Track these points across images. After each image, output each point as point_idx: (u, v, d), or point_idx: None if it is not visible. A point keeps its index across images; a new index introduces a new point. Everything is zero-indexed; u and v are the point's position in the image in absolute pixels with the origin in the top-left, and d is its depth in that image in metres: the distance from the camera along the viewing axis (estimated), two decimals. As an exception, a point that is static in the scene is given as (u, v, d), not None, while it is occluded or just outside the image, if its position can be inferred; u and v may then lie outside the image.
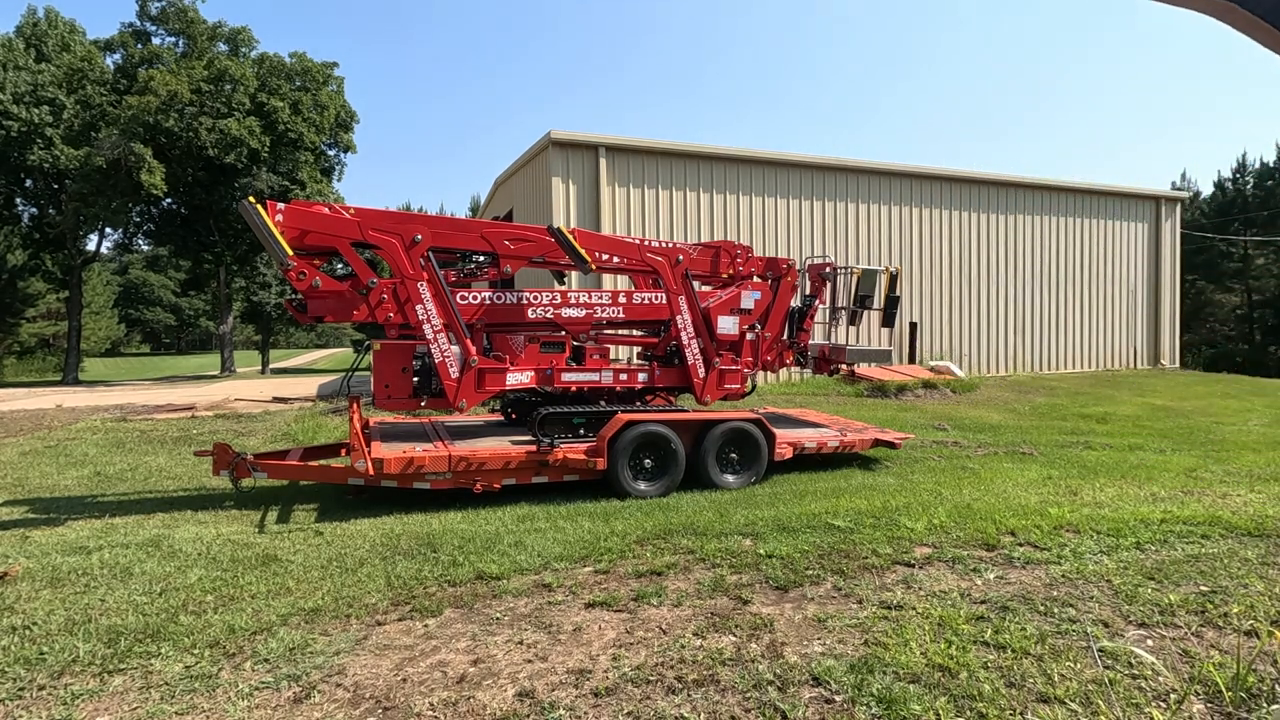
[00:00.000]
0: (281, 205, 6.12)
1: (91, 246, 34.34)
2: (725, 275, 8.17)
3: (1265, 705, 2.71)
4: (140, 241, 37.52)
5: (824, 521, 5.32)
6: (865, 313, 8.92)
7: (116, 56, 31.96)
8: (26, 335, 42.44)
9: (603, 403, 7.56)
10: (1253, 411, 13.34)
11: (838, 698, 2.86)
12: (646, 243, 7.59)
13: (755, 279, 8.26)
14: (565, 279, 8.86)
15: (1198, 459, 8.52)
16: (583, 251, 7.07)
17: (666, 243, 7.73)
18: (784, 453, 7.53)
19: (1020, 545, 4.71)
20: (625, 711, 2.81)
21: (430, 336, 6.55)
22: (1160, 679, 2.97)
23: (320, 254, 6.66)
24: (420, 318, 6.50)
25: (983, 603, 3.79)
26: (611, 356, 7.92)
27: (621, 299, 7.66)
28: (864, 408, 13.05)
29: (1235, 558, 4.41)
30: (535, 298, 7.28)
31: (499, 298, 7.14)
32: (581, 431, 7.17)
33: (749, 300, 8.06)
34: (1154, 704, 2.79)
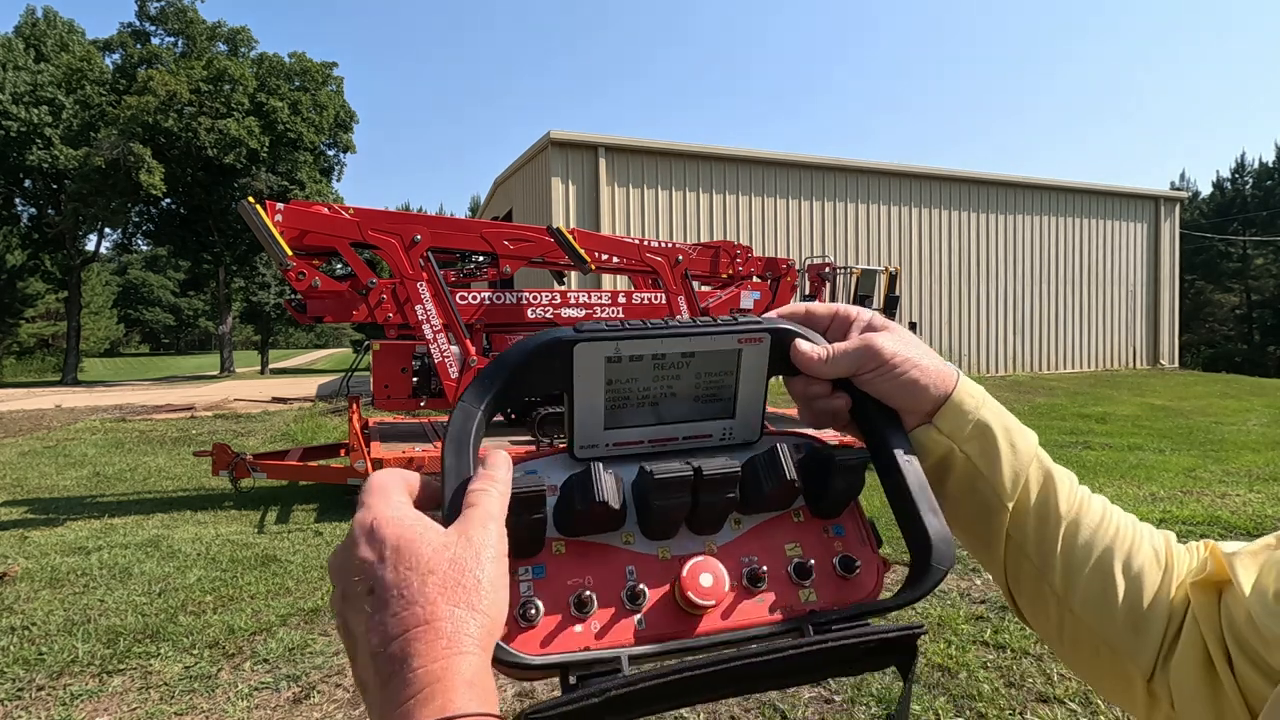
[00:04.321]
0: (281, 205, 6.12)
1: (90, 246, 34.33)
2: (725, 275, 8.17)
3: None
4: (139, 242, 37.51)
5: (823, 521, 5.31)
6: (865, 313, 8.92)
7: (115, 56, 31.95)
8: (25, 335, 42.41)
9: (602, 403, 7.55)
10: (1252, 411, 13.35)
11: (837, 698, 2.86)
12: (646, 243, 7.60)
13: (755, 279, 8.27)
14: (565, 279, 8.86)
15: (1197, 459, 8.52)
16: (582, 251, 7.07)
17: (666, 243, 7.73)
18: (783, 453, 7.52)
19: (1020, 545, 4.71)
20: (625, 712, 2.81)
21: (430, 336, 6.55)
22: (1159, 679, 2.97)
23: (320, 254, 6.65)
24: (420, 318, 6.50)
25: (982, 602, 3.79)
26: (611, 356, 7.91)
27: (621, 299, 7.66)
28: (863, 408, 13.04)
29: (1234, 557, 4.40)
30: (535, 298, 7.28)
31: (498, 298, 7.14)
32: (581, 431, 7.16)
33: (748, 300, 8.06)
34: (1153, 704, 2.79)
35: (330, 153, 34.41)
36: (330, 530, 5.69)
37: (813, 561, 0.51)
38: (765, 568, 0.51)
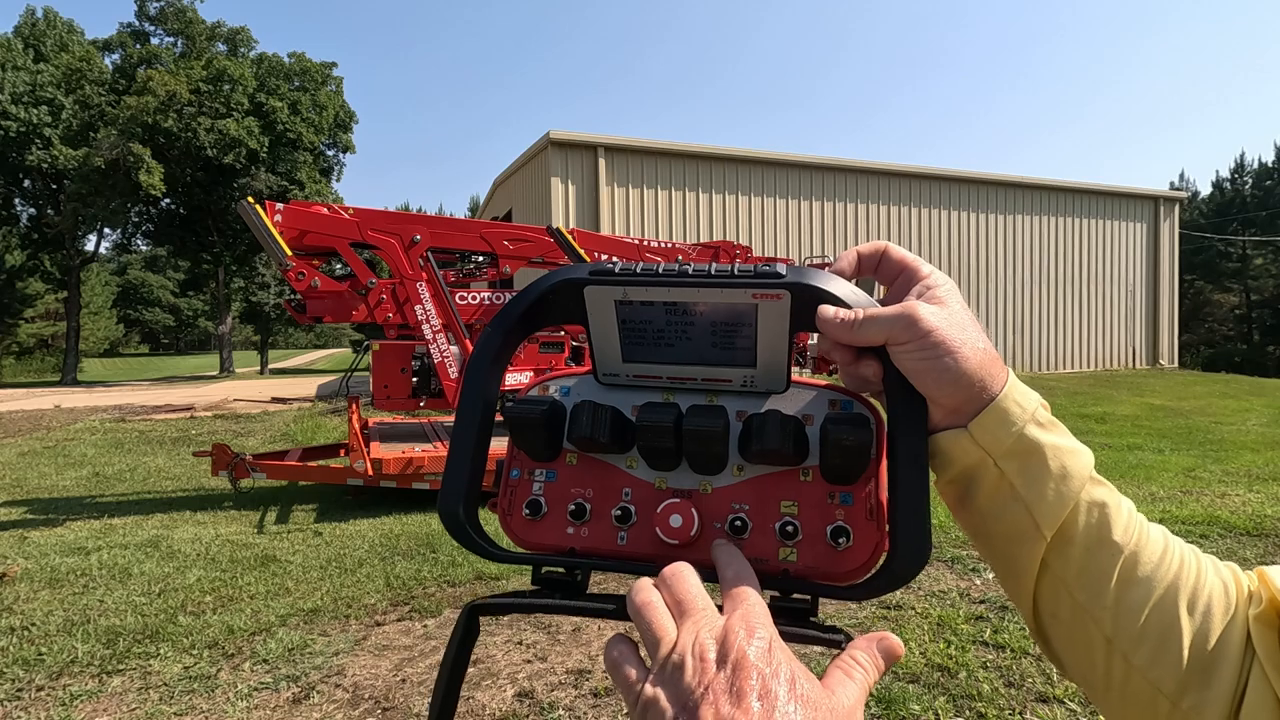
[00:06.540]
0: (280, 205, 6.12)
1: (90, 247, 34.31)
2: (724, 275, 8.17)
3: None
4: (139, 242, 37.53)
5: (823, 521, 5.31)
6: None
7: (115, 56, 31.93)
8: (25, 336, 42.40)
9: (602, 403, 7.55)
10: (1251, 411, 13.35)
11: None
12: (646, 243, 7.60)
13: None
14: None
15: (1196, 459, 8.52)
16: (581, 252, 7.07)
17: (666, 243, 7.73)
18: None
19: (1019, 545, 4.71)
20: (624, 712, 2.81)
21: (429, 337, 6.54)
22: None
23: (319, 254, 6.65)
24: (419, 318, 6.50)
25: (982, 602, 3.79)
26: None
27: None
28: (863, 408, 13.04)
29: (1233, 557, 4.41)
30: (534, 298, 7.28)
31: (498, 298, 7.14)
32: (581, 431, 7.16)
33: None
34: (1153, 704, 2.79)
35: (330, 153, 34.39)
36: (330, 531, 5.69)
37: (800, 524, 0.51)
38: (752, 520, 0.52)
